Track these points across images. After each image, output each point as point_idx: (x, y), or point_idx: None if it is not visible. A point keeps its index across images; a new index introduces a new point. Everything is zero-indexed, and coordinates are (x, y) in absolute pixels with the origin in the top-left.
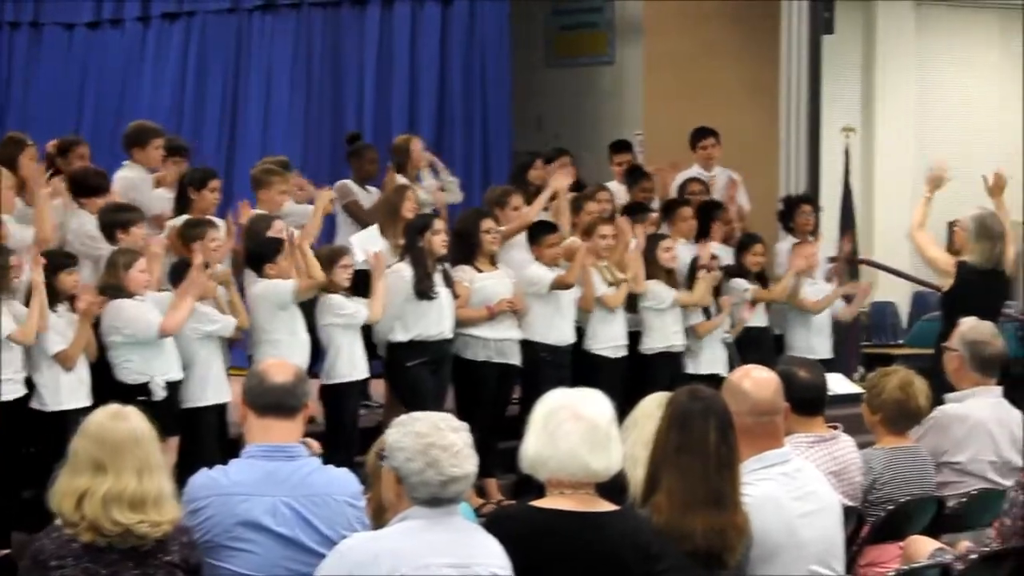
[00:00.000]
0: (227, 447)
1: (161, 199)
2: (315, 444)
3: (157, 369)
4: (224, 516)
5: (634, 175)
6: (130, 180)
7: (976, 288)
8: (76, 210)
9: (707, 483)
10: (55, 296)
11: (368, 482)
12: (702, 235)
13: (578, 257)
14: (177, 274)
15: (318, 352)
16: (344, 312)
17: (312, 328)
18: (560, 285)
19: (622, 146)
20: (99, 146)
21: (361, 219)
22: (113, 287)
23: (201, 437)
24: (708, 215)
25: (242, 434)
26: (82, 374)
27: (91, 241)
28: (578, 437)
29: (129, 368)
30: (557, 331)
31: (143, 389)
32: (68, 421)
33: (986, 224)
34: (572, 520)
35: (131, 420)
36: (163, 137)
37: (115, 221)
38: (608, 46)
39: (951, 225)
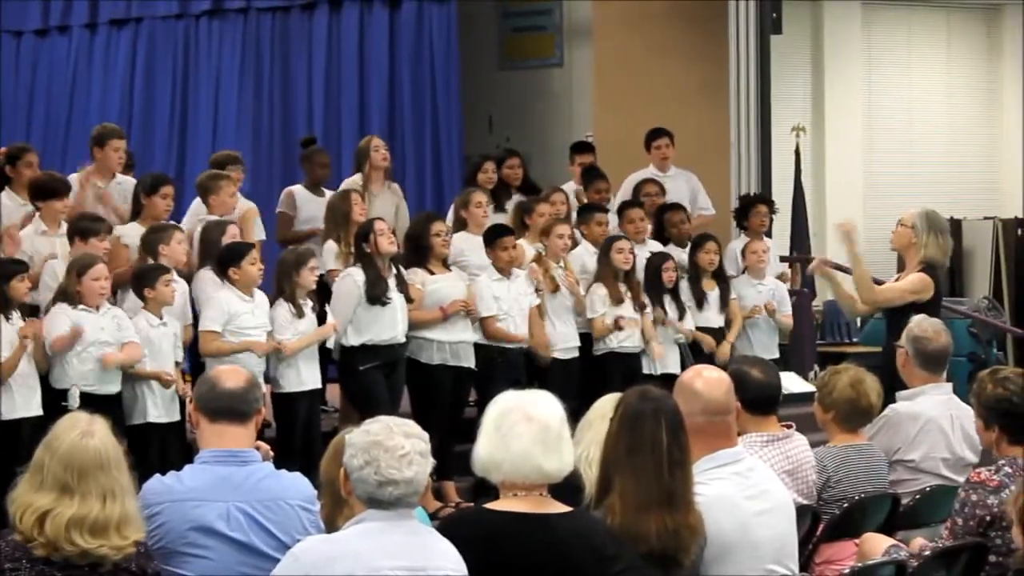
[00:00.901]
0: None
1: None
2: (265, 447)
3: (76, 379)
4: (178, 522)
5: (590, 175)
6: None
7: (941, 286)
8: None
9: (659, 484)
10: (7, 303)
11: (321, 486)
12: (658, 238)
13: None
14: (140, 280)
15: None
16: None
17: None
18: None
19: (584, 147)
20: (50, 153)
21: (283, 234)
22: (66, 293)
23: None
24: (662, 217)
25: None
26: (32, 383)
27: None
28: (530, 439)
29: (55, 372)
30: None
31: (64, 395)
32: (20, 429)
33: (934, 218)
34: (525, 522)
35: (98, 439)
36: (123, 139)
37: (76, 228)
38: (557, 48)
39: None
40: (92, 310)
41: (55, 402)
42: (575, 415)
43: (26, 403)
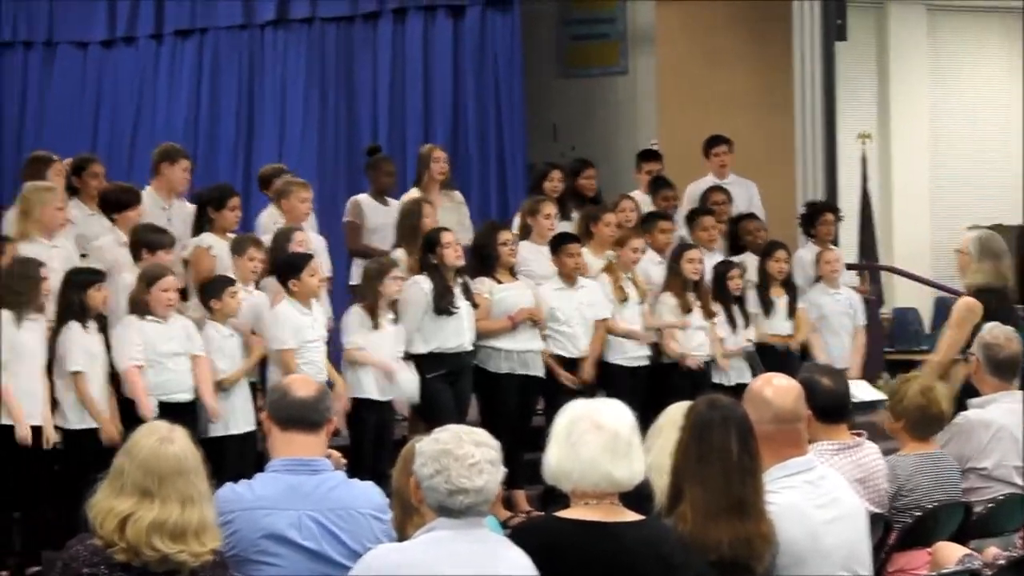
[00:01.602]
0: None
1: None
2: (337, 455)
3: (154, 389)
4: (249, 530)
5: (657, 184)
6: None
7: (992, 308)
8: (110, 226)
9: (730, 492)
10: (85, 312)
11: (392, 494)
12: (732, 246)
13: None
14: (209, 291)
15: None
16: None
17: None
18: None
19: (651, 155)
20: (115, 164)
21: (352, 244)
22: (136, 303)
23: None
24: (736, 225)
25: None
26: (100, 392)
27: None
28: (599, 447)
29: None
30: (572, 344)
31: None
32: (91, 439)
33: (987, 243)
34: (595, 531)
35: (178, 444)
36: (189, 159)
37: (142, 241)
38: (620, 56)
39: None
40: (161, 320)
41: (126, 412)
42: (642, 424)
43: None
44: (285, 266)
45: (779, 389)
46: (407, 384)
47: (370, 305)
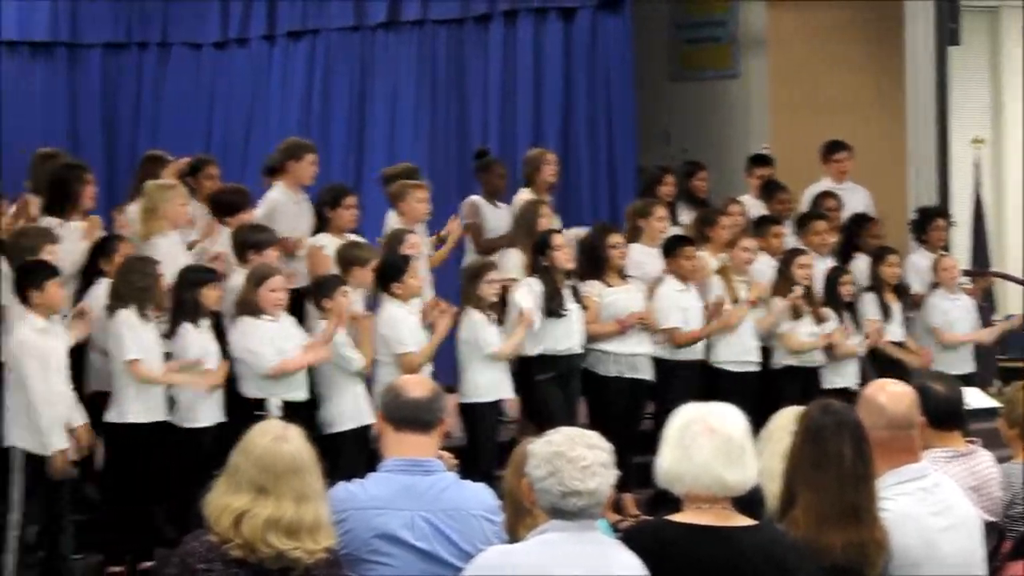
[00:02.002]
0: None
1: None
2: (449, 456)
3: (275, 389)
4: (362, 529)
5: (771, 187)
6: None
7: None
8: (219, 227)
9: (843, 498)
10: (198, 311)
11: (503, 496)
12: (850, 249)
13: (709, 326)
14: (321, 290)
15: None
16: (480, 337)
17: None
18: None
19: (762, 159)
20: (229, 164)
21: (479, 243)
22: (246, 303)
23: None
24: (855, 229)
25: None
26: (217, 390)
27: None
28: (712, 451)
29: (249, 384)
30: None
31: (260, 406)
32: (203, 437)
33: None
34: (708, 535)
35: (293, 443)
36: (316, 153)
37: (247, 241)
38: (732, 59)
39: None
40: (274, 319)
41: (241, 410)
42: (751, 429)
43: (214, 411)
44: (387, 269)
45: (893, 395)
46: None
47: (476, 305)
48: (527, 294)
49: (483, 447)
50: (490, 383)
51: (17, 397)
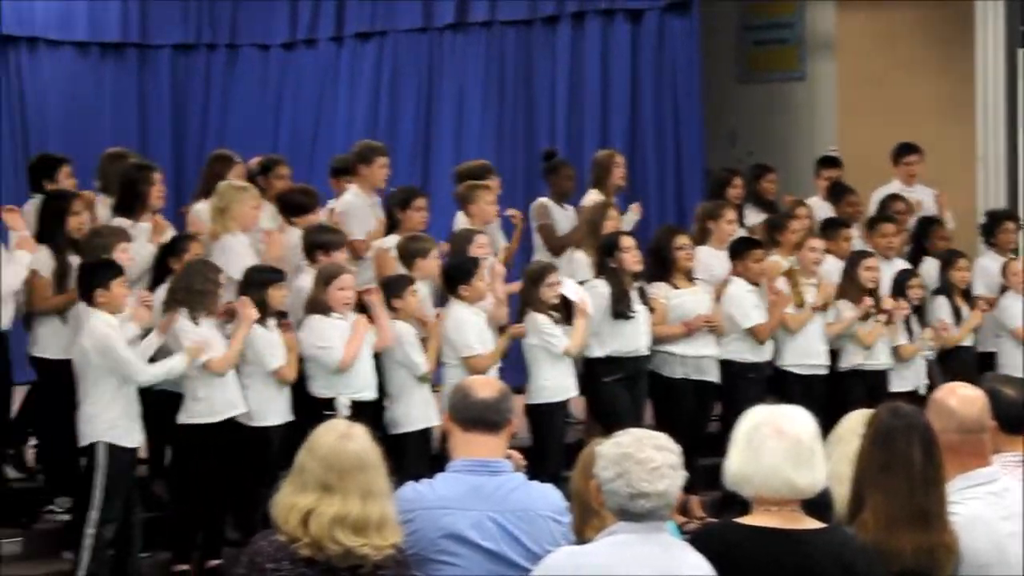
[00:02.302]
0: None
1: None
2: (518, 456)
3: (344, 387)
4: (429, 529)
5: (839, 190)
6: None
7: None
8: (288, 228)
9: (913, 501)
10: (264, 311)
11: (571, 497)
12: (919, 252)
13: (773, 315)
14: (391, 290)
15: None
16: (545, 335)
17: None
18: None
19: (830, 161)
20: (296, 165)
21: (551, 243)
22: (315, 303)
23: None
24: (923, 232)
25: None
26: (284, 390)
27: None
28: (781, 453)
29: (318, 383)
30: (756, 347)
31: (329, 405)
32: (271, 436)
33: None
34: (777, 537)
35: (358, 441)
36: (387, 156)
37: (317, 242)
38: (800, 61)
39: None
40: (343, 318)
41: (310, 410)
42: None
43: (281, 410)
44: (455, 271)
45: (964, 399)
46: None
47: (537, 308)
48: (573, 287)
49: (550, 448)
50: (557, 384)
51: (98, 392)
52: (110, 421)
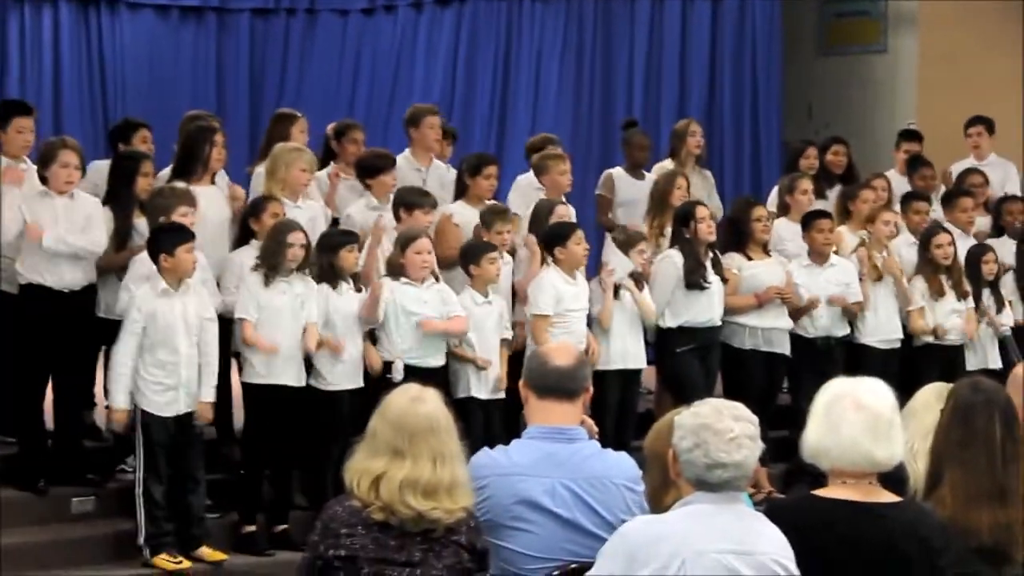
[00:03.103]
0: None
1: None
2: (591, 423)
3: (402, 351)
4: (504, 496)
5: (915, 163)
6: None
7: None
8: (363, 191)
9: (992, 478)
10: (336, 274)
11: (646, 466)
12: (994, 227)
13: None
14: (466, 257)
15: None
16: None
17: None
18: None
19: (911, 135)
20: (372, 131)
21: (603, 216)
22: (392, 266)
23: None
24: (1000, 208)
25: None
26: (354, 355)
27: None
28: (860, 426)
29: (381, 346)
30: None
31: (387, 368)
32: (341, 401)
33: None
34: (854, 510)
35: (429, 404)
36: (437, 115)
37: (401, 201)
38: (882, 35)
39: None
40: (416, 283)
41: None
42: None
43: (351, 375)
44: (551, 235)
45: None
46: None
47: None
48: (614, 251)
49: (605, 416)
50: (615, 351)
51: (126, 356)
52: (140, 388)
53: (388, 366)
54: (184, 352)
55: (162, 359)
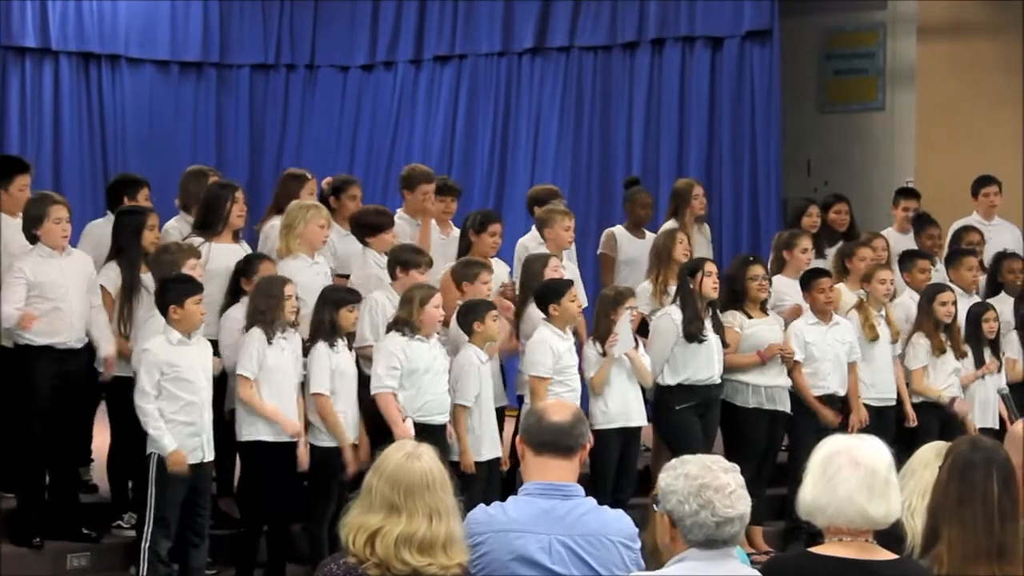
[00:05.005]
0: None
1: None
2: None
3: (412, 409)
4: (500, 552)
5: (921, 222)
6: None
7: None
8: (363, 248)
9: (990, 535)
10: (334, 332)
11: (645, 524)
12: (995, 287)
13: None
14: (468, 315)
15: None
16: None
17: None
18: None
19: (909, 193)
20: (372, 186)
21: (606, 274)
22: (402, 322)
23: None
24: (998, 266)
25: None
26: (351, 413)
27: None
28: (856, 483)
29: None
30: (823, 380)
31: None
32: (338, 456)
33: None
34: (850, 568)
35: (424, 461)
36: (431, 183)
37: (398, 260)
38: (879, 91)
39: None
40: (425, 340)
41: (380, 429)
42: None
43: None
44: (546, 291)
45: None
46: None
47: (601, 336)
48: (627, 324)
49: (603, 474)
50: (614, 410)
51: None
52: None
53: None
54: (204, 398)
55: (185, 406)
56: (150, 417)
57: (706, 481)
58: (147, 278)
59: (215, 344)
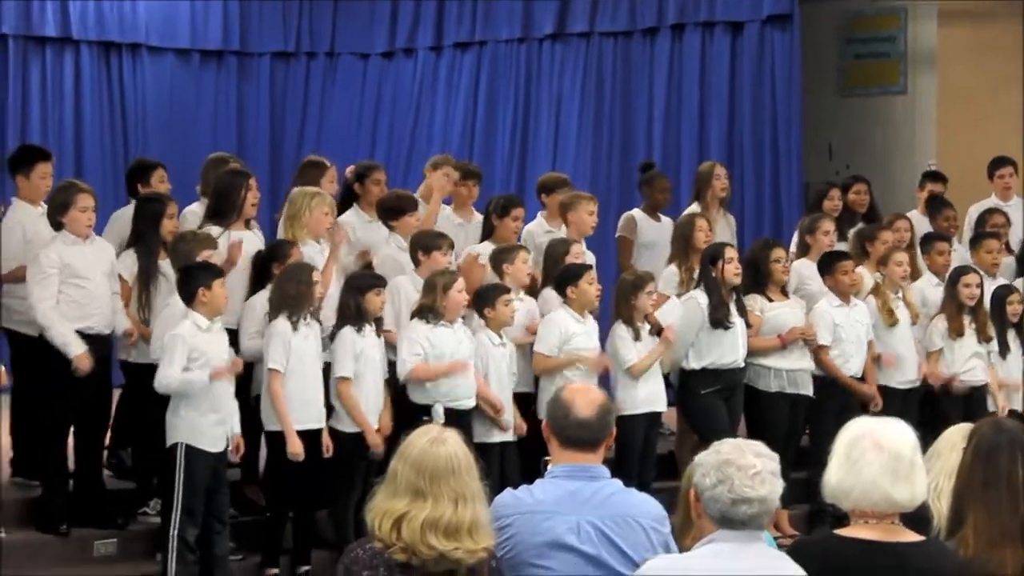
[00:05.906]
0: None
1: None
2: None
3: (442, 394)
4: (528, 534)
5: (936, 204)
6: None
7: None
8: (387, 233)
9: (1015, 518)
10: (361, 316)
11: (673, 508)
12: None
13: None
14: (481, 300)
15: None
16: (620, 352)
17: None
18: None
19: (934, 176)
20: (392, 174)
21: (624, 258)
22: (427, 309)
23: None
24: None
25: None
26: (375, 397)
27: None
28: (880, 467)
29: (416, 390)
30: (848, 362)
31: (426, 411)
32: (362, 443)
33: None
34: (875, 550)
35: (449, 445)
36: (452, 164)
37: (419, 243)
38: (900, 75)
39: None
40: (449, 325)
41: (408, 416)
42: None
43: (373, 417)
44: (565, 274)
45: None
46: None
47: (627, 319)
48: (674, 310)
49: (629, 458)
50: (642, 396)
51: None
52: (190, 423)
53: (424, 408)
54: (226, 386)
55: (212, 393)
56: (172, 379)
57: (731, 458)
58: (164, 265)
59: (233, 333)
